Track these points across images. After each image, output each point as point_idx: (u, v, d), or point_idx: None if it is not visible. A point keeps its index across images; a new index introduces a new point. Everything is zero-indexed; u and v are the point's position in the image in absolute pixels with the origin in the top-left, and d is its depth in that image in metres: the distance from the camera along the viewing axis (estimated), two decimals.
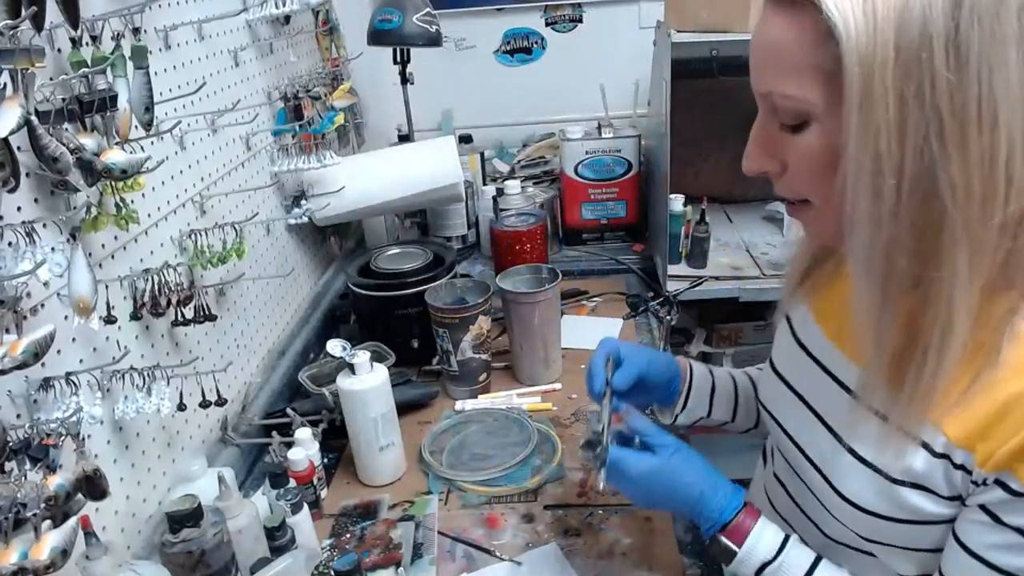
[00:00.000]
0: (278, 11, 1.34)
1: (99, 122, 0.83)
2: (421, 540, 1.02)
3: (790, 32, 0.60)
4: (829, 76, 0.58)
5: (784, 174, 0.67)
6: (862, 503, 0.70)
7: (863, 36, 0.55)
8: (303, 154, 1.39)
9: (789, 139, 0.65)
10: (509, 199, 1.75)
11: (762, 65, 0.64)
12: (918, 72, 0.55)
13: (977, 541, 0.64)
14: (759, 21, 0.65)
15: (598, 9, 2.15)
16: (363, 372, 1.10)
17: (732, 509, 0.77)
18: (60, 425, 0.73)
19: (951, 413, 0.63)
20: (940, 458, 0.65)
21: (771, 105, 0.65)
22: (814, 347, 0.81)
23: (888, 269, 0.60)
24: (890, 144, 0.56)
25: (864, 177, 0.58)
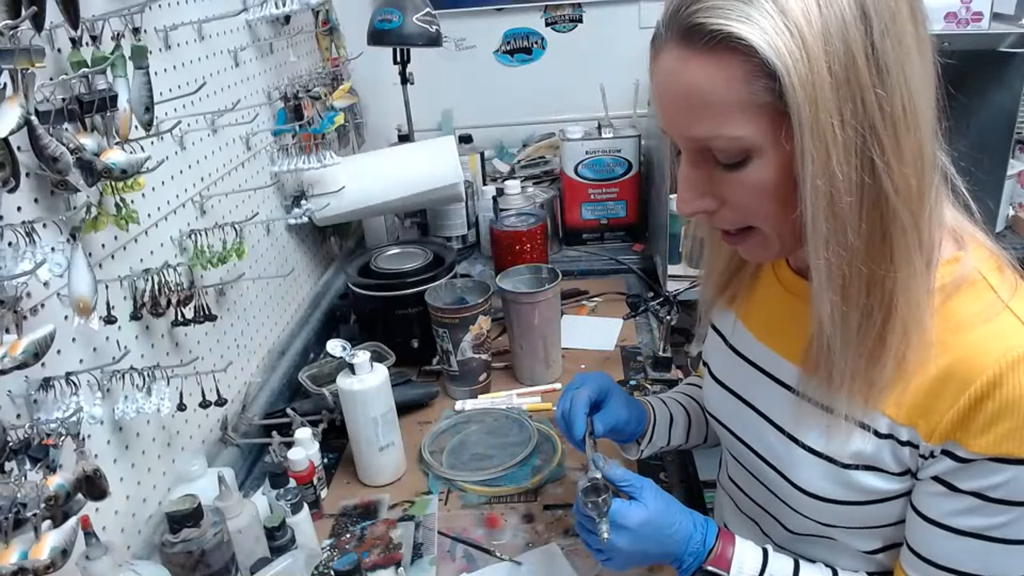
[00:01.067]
0: (278, 11, 1.34)
1: (99, 122, 0.83)
2: (421, 540, 1.02)
3: (718, 76, 0.59)
4: (762, 109, 0.59)
5: (721, 209, 0.68)
6: (818, 492, 0.73)
7: (800, 67, 0.56)
8: (303, 154, 1.39)
9: (726, 176, 0.65)
10: (509, 199, 1.75)
11: (688, 112, 0.63)
12: (850, 91, 0.57)
13: (936, 511, 0.67)
14: (663, 69, 0.64)
15: (598, 9, 2.15)
16: (363, 372, 1.10)
17: (712, 536, 0.78)
18: (60, 425, 0.73)
19: (890, 395, 0.67)
20: (886, 439, 0.68)
21: (701, 148, 0.64)
22: (748, 351, 0.84)
23: (849, 278, 0.63)
24: (841, 164, 0.58)
25: (821, 200, 0.59)
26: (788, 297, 0.79)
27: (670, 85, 0.64)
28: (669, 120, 0.66)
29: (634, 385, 1.35)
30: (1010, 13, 1.55)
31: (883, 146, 0.58)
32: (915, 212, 0.61)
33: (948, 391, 0.64)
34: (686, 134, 0.65)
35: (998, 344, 0.62)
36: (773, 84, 0.58)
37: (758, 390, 0.81)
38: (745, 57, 0.58)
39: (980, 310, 0.65)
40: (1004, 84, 1.50)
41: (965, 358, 0.63)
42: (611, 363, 1.43)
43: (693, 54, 0.60)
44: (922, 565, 0.70)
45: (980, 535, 0.66)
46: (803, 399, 0.73)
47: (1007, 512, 0.64)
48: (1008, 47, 1.46)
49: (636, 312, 1.59)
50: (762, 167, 0.62)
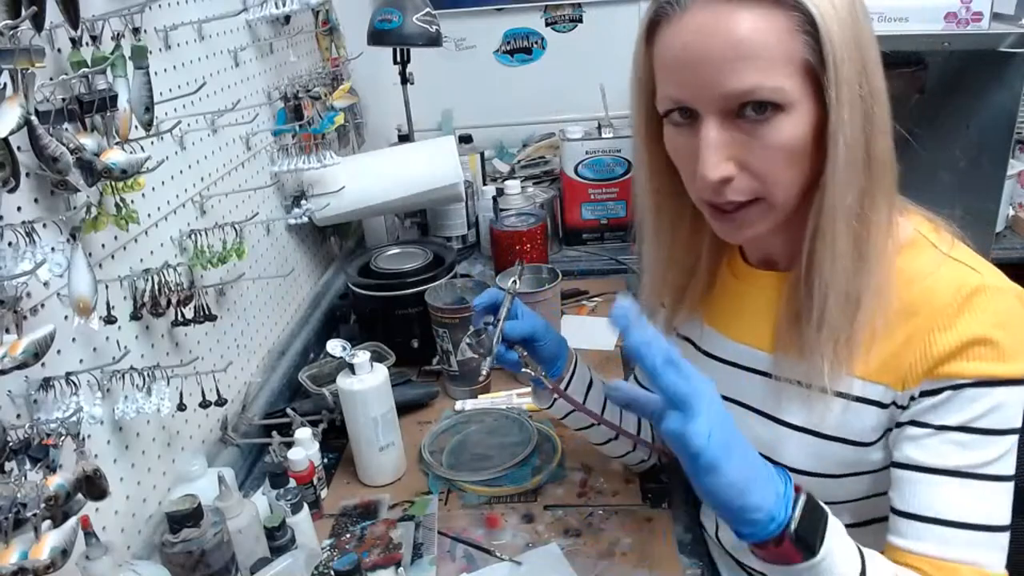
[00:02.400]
0: (278, 11, 1.34)
1: (99, 122, 0.83)
2: (421, 540, 1.02)
3: (764, 27, 0.63)
4: (800, 65, 0.64)
5: (739, 175, 0.68)
6: (802, 466, 0.75)
7: (836, 26, 0.62)
8: (303, 154, 1.39)
9: (750, 137, 0.66)
10: (509, 199, 1.75)
11: (731, 63, 0.63)
12: (862, 57, 0.64)
13: (925, 456, 0.68)
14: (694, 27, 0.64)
15: (598, 9, 2.15)
16: (363, 372, 1.10)
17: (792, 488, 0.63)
18: (60, 425, 0.73)
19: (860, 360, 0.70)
20: (859, 401, 0.71)
21: (733, 105, 0.65)
22: (721, 351, 0.86)
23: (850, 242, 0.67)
24: (857, 121, 0.64)
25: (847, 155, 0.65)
26: (749, 290, 0.81)
27: (705, 41, 0.64)
28: (700, 80, 0.65)
29: None
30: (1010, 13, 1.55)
31: (875, 112, 0.65)
32: (889, 180, 0.68)
33: (911, 341, 0.68)
34: (724, 89, 0.64)
35: (953, 284, 0.67)
36: (812, 41, 0.62)
37: (737, 384, 0.83)
38: (790, 11, 0.62)
39: (925, 263, 0.70)
40: (1004, 84, 1.50)
41: (922, 306, 0.68)
42: (611, 363, 1.43)
43: (736, 6, 0.63)
44: (913, 525, 0.67)
45: (968, 473, 0.66)
46: (780, 380, 0.76)
47: (992, 444, 0.65)
48: (1008, 47, 1.46)
49: None
50: (787, 124, 0.65)
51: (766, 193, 0.69)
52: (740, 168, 0.68)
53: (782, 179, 0.68)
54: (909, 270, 0.70)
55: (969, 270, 0.68)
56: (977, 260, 0.70)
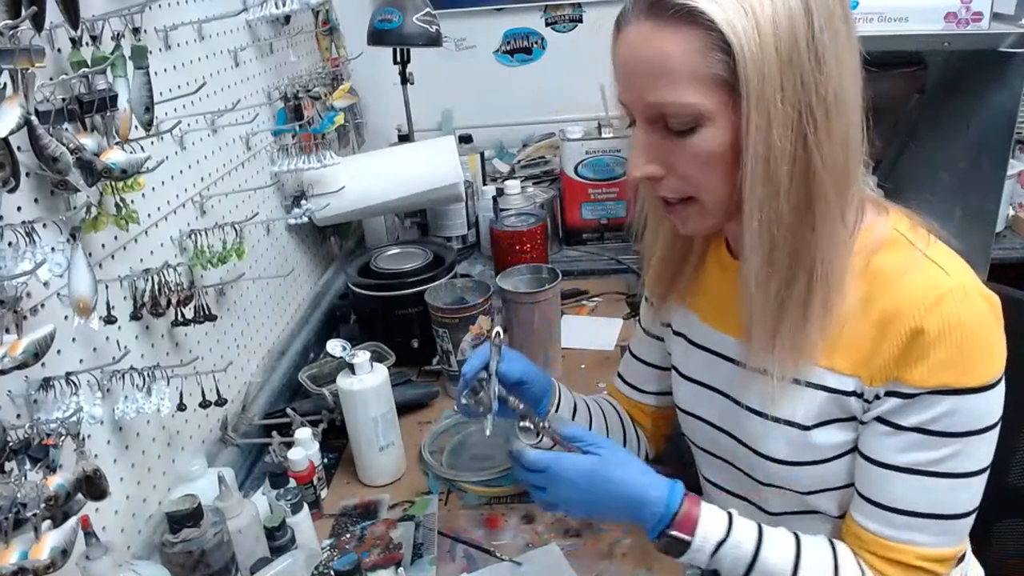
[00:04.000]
0: (278, 11, 1.34)
1: (99, 122, 0.83)
2: (421, 540, 1.02)
3: (678, 46, 0.66)
4: (715, 81, 0.67)
5: (667, 177, 0.74)
6: (785, 457, 0.78)
7: (752, 44, 0.64)
8: (303, 154, 1.39)
9: (676, 143, 0.71)
10: (509, 199, 1.75)
11: (648, 79, 0.69)
12: (792, 72, 0.65)
13: (881, 450, 0.73)
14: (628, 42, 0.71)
15: (598, 9, 2.15)
16: (363, 372, 1.10)
17: (676, 501, 0.77)
18: (60, 425, 0.73)
19: (826, 350, 0.74)
20: (833, 392, 0.74)
21: (656, 114, 0.70)
22: (703, 339, 0.89)
23: (776, 242, 0.70)
24: (779, 135, 0.66)
25: (759, 166, 0.67)
26: (729, 277, 0.83)
27: (633, 54, 0.71)
28: (629, 88, 0.73)
29: None
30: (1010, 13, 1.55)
31: (816, 124, 0.66)
32: (839, 186, 0.69)
33: (884, 337, 0.71)
34: (644, 100, 0.71)
35: (923, 287, 0.70)
36: (727, 59, 0.65)
37: (718, 373, 0.86)
38: (705, 31, 0.65)
39: (902, 261, 0.72)
40: (1004, 84, 1.50)
41: (895, 305, 0.70)
42: (611, 363, 1.42)
43: (658, 25, 0.67)
44: (871, 509, 0.74)
45: (923, 471, 0.71)
46: (747, 368, 0.79)
47: (948, 445, 0.70)
48: (1008, 47, 1.46)
49: (636, 312, 1.59)
50: (710, 136, 0.69)
51: (696, 194, 0.74)
52: (668, 170, 0.73)
53: (707, 183, 0.72)
54: (885, 269, 0.72)
55: (941, 273, 0.70)
56: (951, 260, 0.73)
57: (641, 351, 1.05)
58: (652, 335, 1.02)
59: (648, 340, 1.03)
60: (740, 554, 0.75)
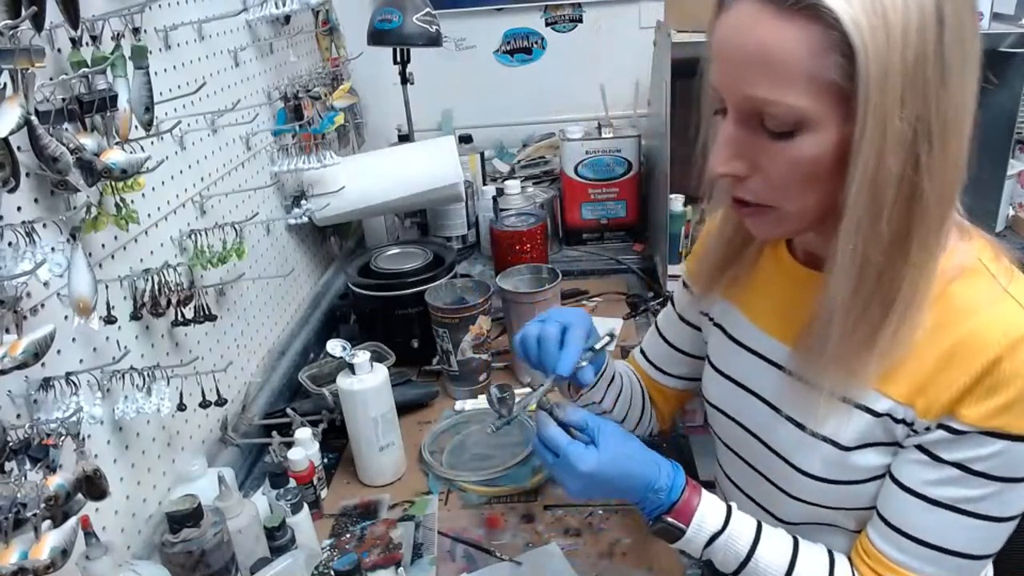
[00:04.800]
0: (278, 11, 1.34)
1: (99, 122, 0.83)
2: (421, 540, 1.02)
3: (793, 41, 0.59)
4: (828, 86, 0.60)
5: (751, 178, 0.67)
6: (820, 474, 0.75)
7: (879, 52, 0.57)
8: (303, 154, 1.39)
9: (769, 144, 0.64)
10: (509, 199, 1.75)
11: (754, 70, 0.62)
12: (915, 86, 0.58)
13: (915, 479, 0.69)
14: (734, 23, 0.63)
15: (598, 9, 2.15)
16: (363, 372, 1.10)
17: (678, 489, 0.76)
18: (60, 425, 0.73)
19: (887, 376, 0.69)
20: (881, 417, 0.70)
21: (754, 110, 0.64)
22: (748, 339, 0.84)
23: (868, 265, 0.64)
24: (893, 155, 0.59)
25: (866, 186, 0.61)
26: (790, 284, 0.80)
27: (740, 39, 0.62)
28: (728, 75, 0.65)
29: None
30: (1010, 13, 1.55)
31: (931, 146, 0.60)
32: (943, 212, 0.64)
33: (949, 371, 0.66)
34: (744, 92, 0.63)
35: (999, 326, 0.64)
36: (845, 63, 0.58)
37: (759, 376, 0.82)
38: (827, 28, 0.58)
39: (980, 294, 0.67)
40: (1004, 84, 1.50)
41: (967, 340, 0.65)
42: None
43: (774, 13, 0.60)
44: (891, 534, 0.71)
45: (955, 507, 0.68)
46: (794, 378, 0.75)
47: (985, 486, 0.66)
48: (1008, 47, 1.46)
49: (636, 312, 1.59)
50: (809, 143, 0.62)
51: (777, 203, 0.68)
52: (753, 170, 0.67)
53: (795, 193, 0.66)
54: (961, 299, 0.67)
55: (1021, 312, 0.66)
56: None
57: (671, 334, 1.01)
58: (686, 320, 0.98)
59: (680, 325, 0.99)
60: (735, 549, 0.75)
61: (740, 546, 0.75)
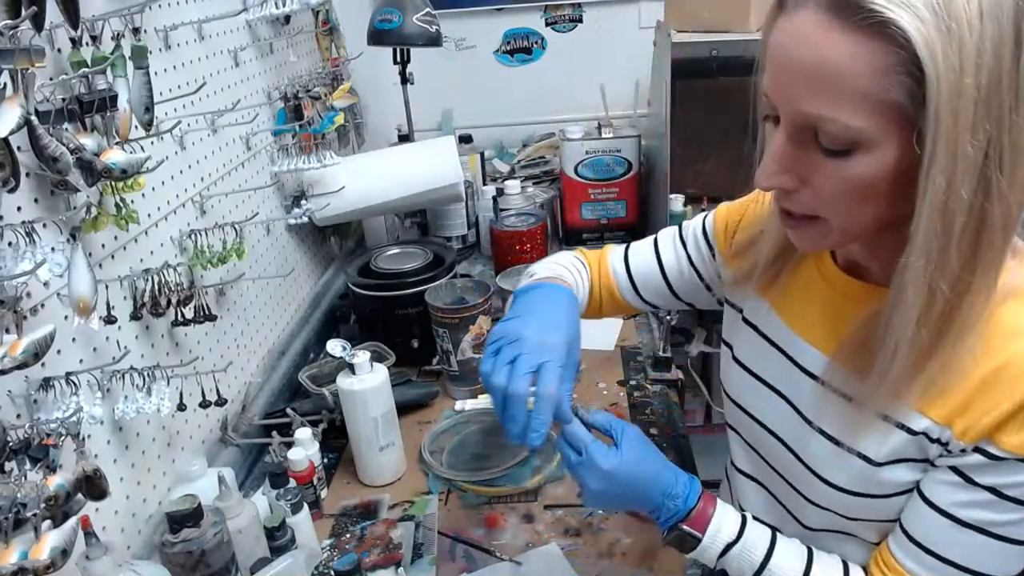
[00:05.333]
0: (278, 11, 1.34)
1: (99, 122, 0.83)
2: (421, 540, 1.02)
3: (857, 58, 0.56)
4: (890, 107, 0.56)
5: (800, 191, 0.65)
6: (847, 486, 0.73)
7: (951, 75, 0.53)
8: (303, 154, 1.39)
9: (821, 161, 0.61)
10: (509, 199, 1.76)
11: (811, 85, 0.58)
12: (989, 111, 0.55)
13: (945, 499, 0.68)
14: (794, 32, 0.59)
15: (598, 9, 2.15)
16: (363, 372, 1.10)
17: (694, 496, 0.77)
18: (60, 425, 0.73)
19: (929, 396, 0.66)
20: (916, 435, 0.68)
21: (808, 125, 0.61)
22: (781, 340, 0.82)
23: (931, 293, 0.61)
24: (964, 182, 0.56)
25: (936, 214, 0.58)
26: (832, 293, 0.77)
27: (799, 51, 0.59)
28: (783, 87, 0.61)
29: (634, 385, 1.35)
30: None
31: (1003, 171, 0.57)
32: (1007, 238, 0.61)
33: (990, 395, 0.63)
34: (798, 107, 0.60)
35: None
36: (912, 84, 0.55)
37: (791, 383, 0.80)
38: (895, 48, 0.54)
39: None
40: None
41: (1013, 365, 0.63)
42: (611, 363, 1.43)
43: (839, 26, 0.56)
44: (914, 549, 0.70)
45: (984, 530, 0.66)
46: (831, 391, 0.73)
47: (1016, 511, 0.65)
48: None
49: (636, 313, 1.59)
50: (866, 163, 0.59)
51: (827, 215, 0.65)
52: (802, 184, 0.64)
53: (846, 210, 0.64)
54: (1009, 323, 0.64)
55: None
56: None
57: (674, 275, 0.97)
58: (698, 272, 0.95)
59: (690, 272, 0.96)
60: (750, 558, 0.75)
61: (755, 556, 0.75)
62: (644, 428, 1.23)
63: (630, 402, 1.31)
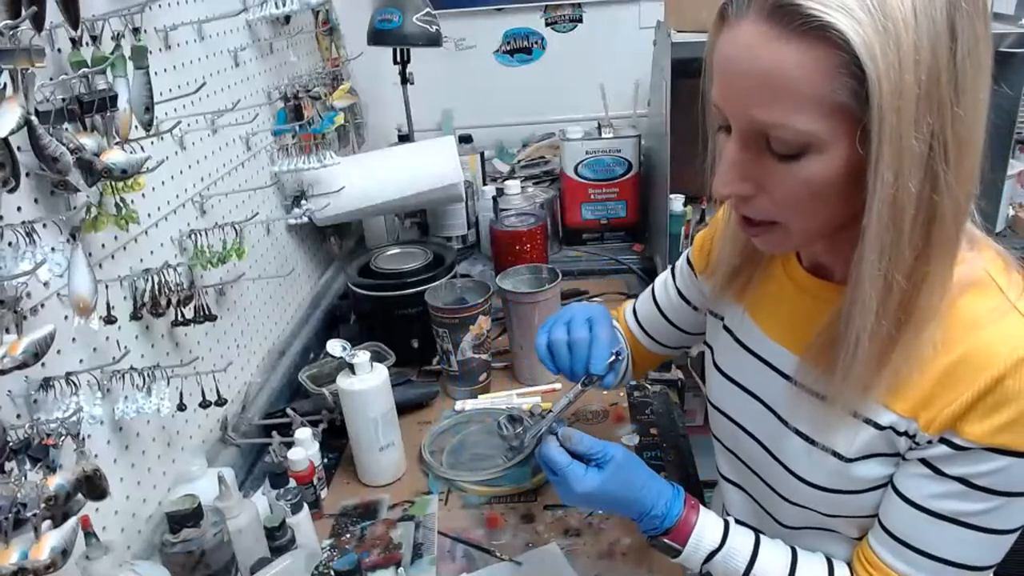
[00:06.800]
0: (278, 11, 1.34)
1: (99, 122, 0.83)
2: (421, 540, 1.02)
3: (801, 64, 0.57)
4: (838, 108, 0.58)
5: (757, 197, 0.66)
6: (821, 483, 0.74)
7: (891, 74, 0.55)
8: (303, 154, 1.39)
9: (775, 166, 0.63)
10: (509, 199, 1.75)
11: (759, 93, 0.60)
12: (930, 105, 0.57)
13: (918, 492, 0.69)
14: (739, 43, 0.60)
15: (598, 9, 2.15)
16: (363, 372, 1.10)
17: (674, 515, 0.79)
18: (60, 425, 0.73)
19: (892, 389, 0.68)
20: (884, 430, 0.69)
21: (760, 132, 0.62)
22: (757, 346, 0.84)
23: (888, 287, 0.63)
24: (911, 176, 0.58)
25: (886, 209, 0.59)
26: (799, 294, 0.79)
27: (744, 61, 0.60)
28: (733, 97, 0.63)
29: (634, 385, 1.35)
30: (1010, 13, 1.55)
31: (948, 164, 0.58)
32: (959, 228, 0.63)
33: (953, 385, 0.65)
34: (749, 115, 0.62)
35: (1006, 342, 0.63)
36: (855, 84, 0.56)
37: (767, 385, 0.82)
38: (836, 51, 0.56)
39: (989, 310, 0.66)
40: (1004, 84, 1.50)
41: (972, 355, 0.64)
42: None
43: (780, 34, 0.57)
44: (893, 543, 0.71)
45: (957, 520, 0.68)
46: (803, 390, 0.74)
47: (987, 500, 0.66)
48: (1008, 47, 1.46)
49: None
50: (817, 165, 0.61)
51: (784, 221, 0.67)
52: (759, 191, 0.66)
53: (802, 212, 0.65)
54: (969, 314, 0.66)
55: None
56: None
57: (668, 308, 1.03)
58: (685, 298, 1.00)
59: (681, 304, 1.01)
60: (734, 564, 0.77)
61: (738, 561, 0.76)
62: (644, 428, 1.23)
63: (630, 402, 1.31)
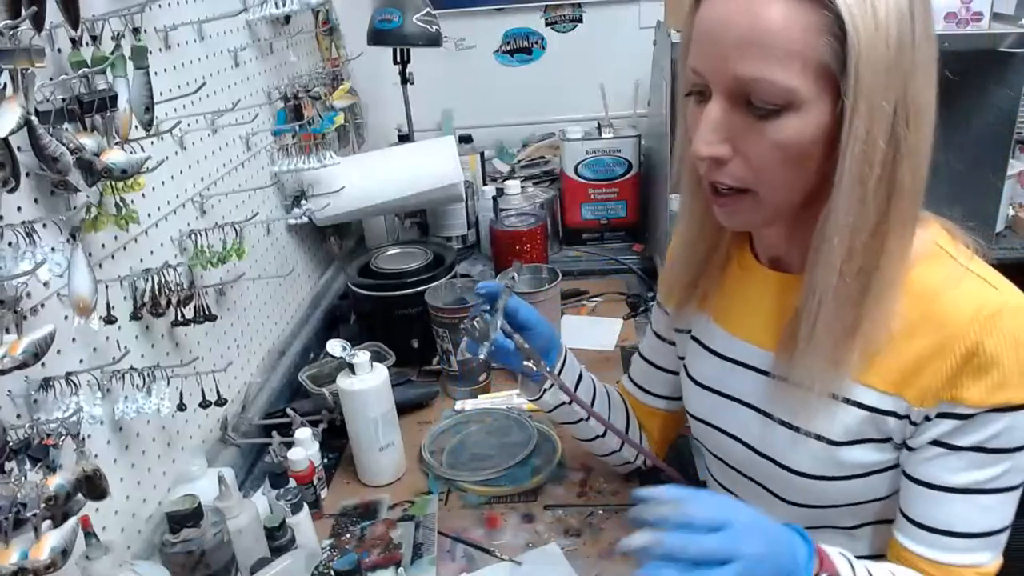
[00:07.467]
0: (278, 11, 1.34)
1: (99, 122, 0.83)
2: (421, 540, 1.02)
3: (788, 19, 0.61)
4: (818, 67, 0.62)
5: (733, 160, 0.67)
6: (811, 471, 0.75)
7: (870, 35, 0.60)
8: (303, 154, 1.39)
9: (753, 126, 0.65)
10: (509, 199, 1.75)
11: (743, 47, 0.62)
12: (899, 73, 0.61)
13: (938, 474, 0.70)
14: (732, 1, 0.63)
15: (598, 9, 2.15)
16: (363, 372, 1.10)
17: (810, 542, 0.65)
18: (60, 425, 0.73)
19: (866, 366, 0.70)
20: (869, 410, 0.71)
21: (741, 90, 0.64)
22: (725, 348, 0.85)
23: (851, 255, 0.66)
24: (880, 137, 0.62)
25: (855, 167, 0.63)
26: (761, 289, 0.81)
27: (731, 17, 0.63)
28: (713, 55, 0.65)
29: None
30: (1010, 13, 1.55)
31: (908, 130, 0.63)
32: (915, 201, 0.67)
33: (932, 356, 0.67)
34: (733, 71, 0.64)
35: (970, 303, 0.66)
36: (836, 46, 0.60)
37: (744, 385, 0.83)
38: (820, 9, 0.60)
39: (945, 276, 0.69)
40: (1004, 84, 1.50)
41: (942, 323, 0.67)
42: (611, 363, 1.43)
43: None
44: (928, 535, 0.71)
45: (980, 489, 0.68)
46: (779, 380, 0.75)
47: (1003, 461, 0.68)
48: (1008, 47, 1.46)
49: (636, 312, 1.59)
50: (795, 125, 0.63)
51: (757, 187, 0.68)
52: (736, 153, 0.67)
53: (776, 177, 0.67)
54: (926, 283, 0.69)
55: (989, 288, 0.68)
56: (996, 276, 0.70)
57: (652, 355, 1.03)
58: (663, 338, 1.00)
59: (660, 344, 1.01)
60: None
61: None
62: None
63: None
